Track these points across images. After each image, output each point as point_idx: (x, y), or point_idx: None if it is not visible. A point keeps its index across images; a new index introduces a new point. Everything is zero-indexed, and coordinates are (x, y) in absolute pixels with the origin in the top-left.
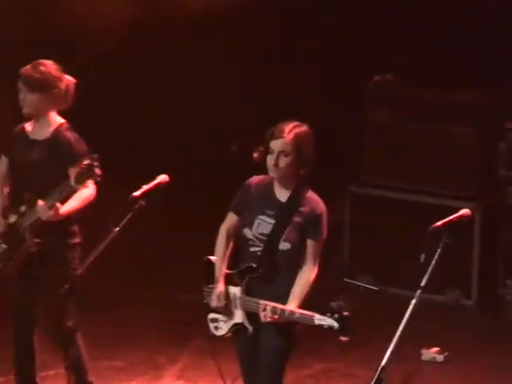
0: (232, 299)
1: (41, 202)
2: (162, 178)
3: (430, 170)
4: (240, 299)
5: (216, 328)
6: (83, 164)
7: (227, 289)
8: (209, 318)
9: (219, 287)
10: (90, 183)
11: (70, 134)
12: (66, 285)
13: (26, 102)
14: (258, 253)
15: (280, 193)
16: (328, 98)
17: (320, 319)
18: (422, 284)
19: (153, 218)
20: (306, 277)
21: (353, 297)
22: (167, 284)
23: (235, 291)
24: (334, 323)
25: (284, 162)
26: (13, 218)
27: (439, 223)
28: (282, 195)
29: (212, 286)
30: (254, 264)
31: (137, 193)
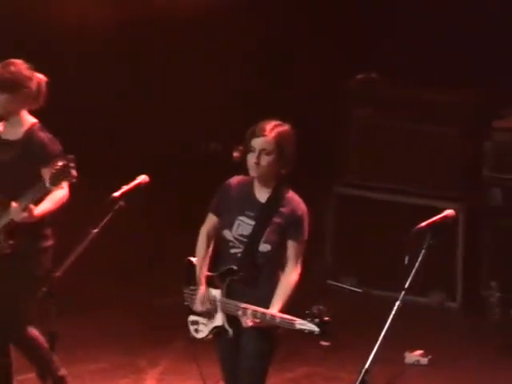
0: (212, 302)
1: (14, 204)
2: (142, 178)
3: (414, 170)
4: (220, 302)
5: (196, 331)
6: (58, 165)
7: (208, 291)
8: (189, 320)
9: (201, 290)
10: (65, 184)
11: (43, 134)
12: (43, 288)
13: None
14: (239, 254)
15: (260, 193)
16: (314, 97)
17: (301, 324)
18: (406, 286)
19: (133, 219)
20: (289, 279)
21: (336, 299)
22: (148, 286)
23: (216, 294)
24: (315, 328)
25: (265, 161)
26: None
27: (423, 224)
28: (262, 196)
29: (193, 288)
30: (235, 266)
31: (116, 193)
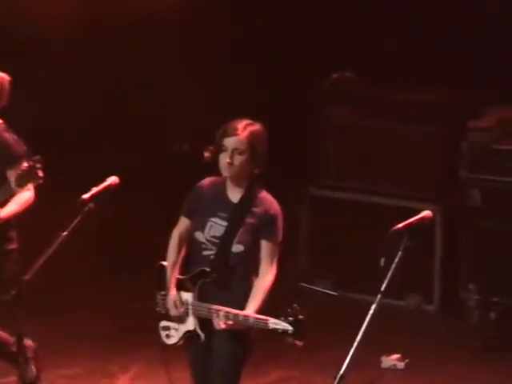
0: (184, 305)
1: None
2: (112, 179)
3: (390, 170)
4: (192, 305)
5: (167, 336)
6: (24, 166)
7: (180, 295)
8: (160, 325)
9: (172, 295)
10: (31, 186)
11: (8, 135)
12: (12, 291)
13: None
14: (211, 256)
15: (232, 194)
16: (288, 96)
17: (274, 323)
18: (382, 289)
19: (103, 221)
20: (264, 281)
21: (311, 301)
22: (118, 288)
23: (187, 297)
24: (289, 327)
25: (238, 160)
26: None
27: (400, 225)
28: (235, 196)
29: (164, 293)
30: (207, 268)
31: (86, 195)
